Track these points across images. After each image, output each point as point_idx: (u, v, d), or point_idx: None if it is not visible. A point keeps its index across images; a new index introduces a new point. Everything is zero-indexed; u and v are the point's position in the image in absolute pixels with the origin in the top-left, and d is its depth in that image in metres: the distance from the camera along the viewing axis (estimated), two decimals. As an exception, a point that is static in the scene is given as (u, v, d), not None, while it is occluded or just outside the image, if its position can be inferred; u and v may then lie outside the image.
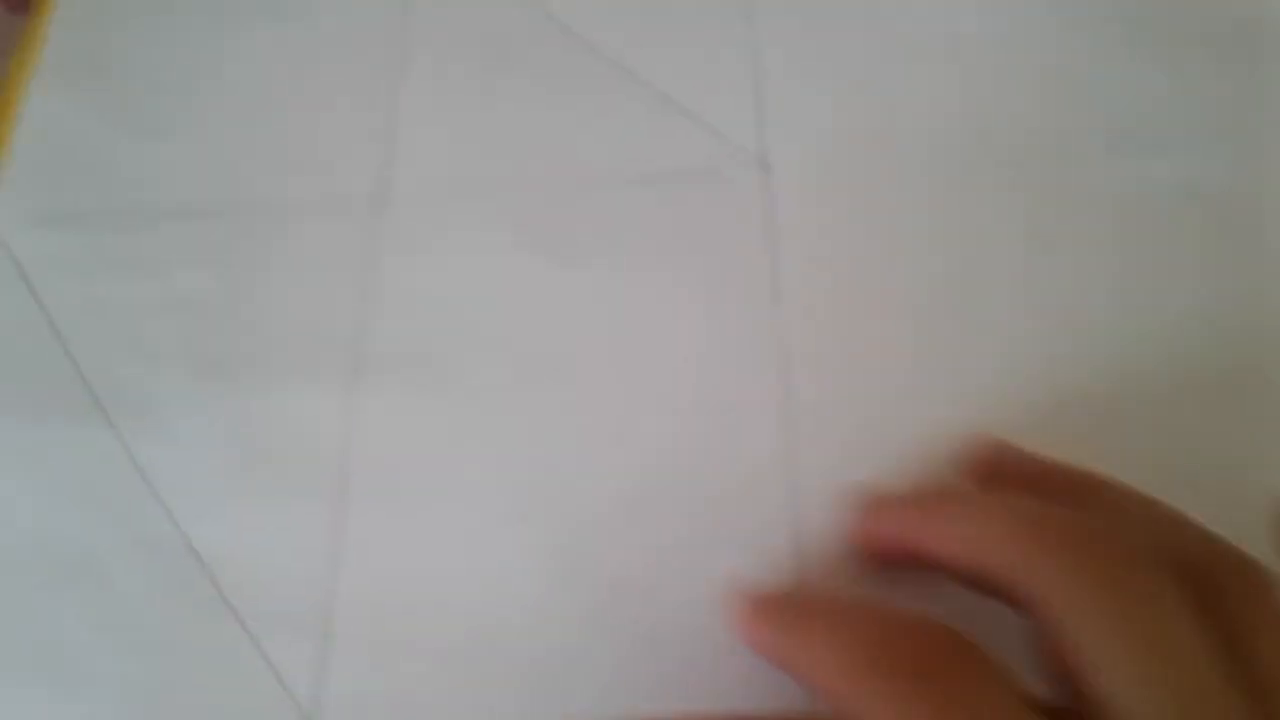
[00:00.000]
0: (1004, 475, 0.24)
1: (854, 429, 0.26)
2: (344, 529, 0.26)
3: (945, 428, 0.26)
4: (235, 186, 0.31)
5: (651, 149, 0.30)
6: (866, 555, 0.24)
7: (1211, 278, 0.28)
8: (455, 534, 0.26)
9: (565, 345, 0.28)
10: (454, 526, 0.26)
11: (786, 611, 0.22)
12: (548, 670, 0.24)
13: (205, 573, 0.26)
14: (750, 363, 0.27)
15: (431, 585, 0.26)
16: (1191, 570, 0.19)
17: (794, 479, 0.26)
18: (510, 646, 0.25)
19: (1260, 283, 0.27)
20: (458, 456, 0.27)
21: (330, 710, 0.25)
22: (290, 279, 0.29)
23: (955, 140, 0.30)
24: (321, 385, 0.28)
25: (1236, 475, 0.25)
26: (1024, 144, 0.29)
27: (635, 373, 0.28)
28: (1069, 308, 0.27)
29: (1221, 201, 0.28)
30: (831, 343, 0.27)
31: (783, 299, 0.28)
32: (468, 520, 0.26)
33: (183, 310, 0.29)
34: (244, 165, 0.31)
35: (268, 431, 0.27)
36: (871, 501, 0.24)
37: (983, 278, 0.28)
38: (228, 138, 0.32)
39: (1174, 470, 0.23)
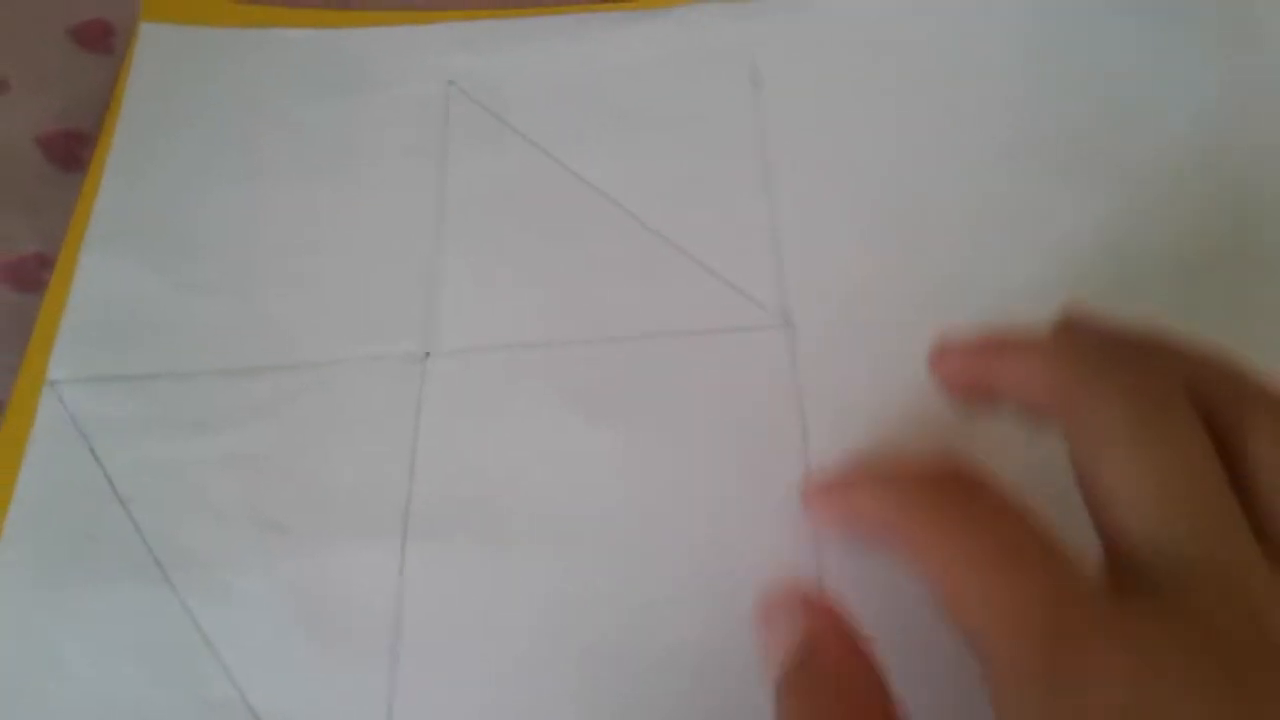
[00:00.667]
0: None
1: (881, 567, 0.27)
2: (396, 689, 0.27)
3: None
4: (281, 345, 0.32)
5: (680, 309, 0.32)
6: (946, 391, 0.26)
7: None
8: (501, 691, 0.27)
9: (601, 500, 0.29)
10: (500, 682, 0.27)
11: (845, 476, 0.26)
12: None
13: (265, 734, 0.27)
14: (785, 517, 0.29)
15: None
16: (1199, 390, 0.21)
17: None
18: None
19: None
20: (500, 605, 0.28)
21: None
22: (340, 437, 0.31)
23: (966, 290, 0.31)
24: (374, 543, 0.29)
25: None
26: (1034, 295, 0.31)
27: (671, 525, 0.29)
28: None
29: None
30: None
31: (810, 446, 0.29)
32: (513, 677, 0.27)
33: (238, 468, 0.30)
34: (288, 323, 0.32)
35: (324, 591, 0.28)
36: (949, 342, 0.26)
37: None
38: (271, 296, 0.33)
39: None
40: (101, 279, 0.33)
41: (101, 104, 0.38)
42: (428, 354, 0.32)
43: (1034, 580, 0.20)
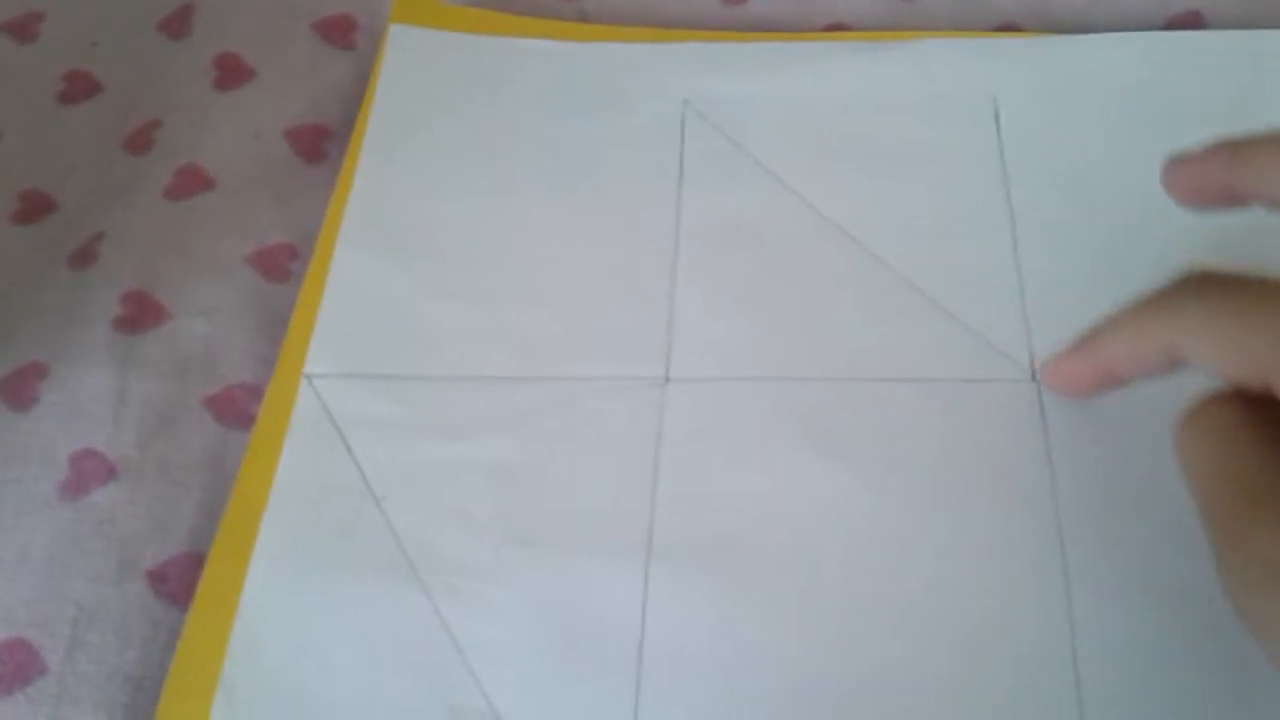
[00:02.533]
0: None
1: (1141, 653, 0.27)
2: (639, 709, 0.28)
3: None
4: (525, 358, 0.33)
5: (922, 354, 0.32)
6: (1182, 199, 0.27)
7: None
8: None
9: (842, 545, 0.30)
10: (744, 715, 0.28)
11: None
12: None
13: (514, 745, 0.28)
14: (1035, 577, 0.29)
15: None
16: None
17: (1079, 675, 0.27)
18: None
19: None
20: (743, 647, 0.28)
21: None
22: (584, 453, 0.31)
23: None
24: (618, 565, 0.30)
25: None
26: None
27: (915, 576, 0.29)
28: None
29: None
30: (1110, 545, 0.29)
31: (1059, 502, 0.29)
32: (756, 708, 0.28)
33: (486, 477, 0.31)
34: (532, 337, 0.33)
35: (570, 607, 0.29)
36: (1183, 155, 0.27)
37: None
38: (515, 308, 0.34)
39: None
40: (354, 276, 0.34)
41: (346, 99, 0.39)
42: (668, 379, 0.32)
43: None
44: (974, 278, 0.33)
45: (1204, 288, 0.24)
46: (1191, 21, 0.39)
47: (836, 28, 0.39)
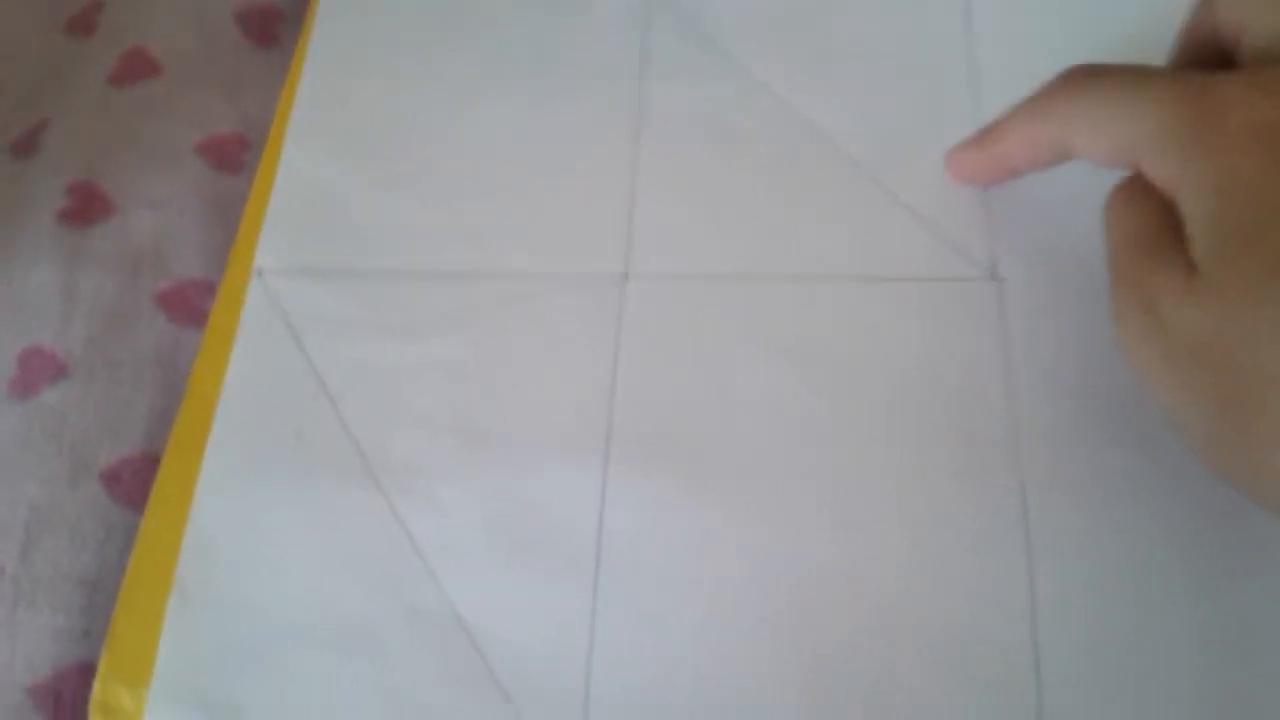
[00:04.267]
0: None
1: (1100, 567, 0.27)
2: (597, 608, 0.28)
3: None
4: (482, 253, 0.32)
5: (885, 252, 0.32)
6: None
7: None
8: (703, 629, 0.28)
9: (799, 445, 0.29)
10: (701, 621, 0.28)
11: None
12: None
13: (473, 645, 0.28)
14: (990, 476, 0.29)
15: (681, 681, 0.27)
16: None
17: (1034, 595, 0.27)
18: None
19: None
20: (702, 546, 0.28)
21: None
22: (541, 351, 0.31)
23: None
24: (576, 463, 0.29)
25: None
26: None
27: (869, 479, 0.29)
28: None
29: None
30: (1069, 463, 0.29)
31: (1015, 405, 0.29)
32: (713, 616, 0.28)
33: (442, 376, 0.31)
34: (489, 232, 0.33)
35: (527, 505, 0.29)
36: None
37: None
38: (472, 202, 0.33)
39: None
40: (305, 168, 0.34)
41: (299, -21, 0.37)
42: (626, 275, 0.32)
43: (1170, 77, 0.24)
44: (938, 178, 0.32)
45: (1084, 82, 0.26)
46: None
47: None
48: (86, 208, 0.33)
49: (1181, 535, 0.27)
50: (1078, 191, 0.29)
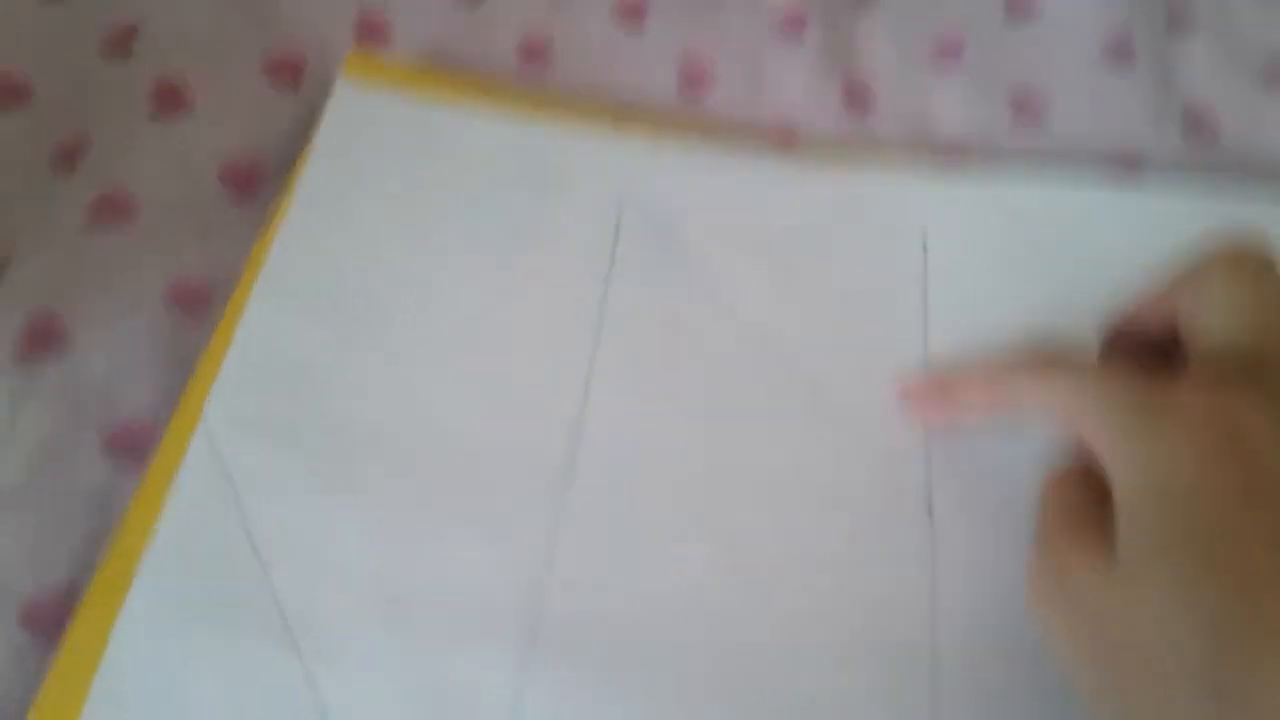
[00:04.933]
0: None
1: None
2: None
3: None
4: (432, 424, 0.33)
5: (826, 474, 0.33)
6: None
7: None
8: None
9: (731, 654, 0.30)
10: None
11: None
12: None
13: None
14: (905, 696, 0.29)
15: None
16: None
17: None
18: None
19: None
20: None
21: None
22: (477, 529, 0.31)
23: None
24: (496, 652, 0.29)
25: None
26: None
27: (794, 692, 0.29)
28: None
29: None
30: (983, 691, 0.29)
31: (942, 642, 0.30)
32: None
33: (374, 540, 0.31)
34: (444, 404, 0.33)
35: (443, 686, 0.29)
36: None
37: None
38: (427, 374, 0.34)
39: None
40: (267, 324, 0.34)
41: (284, 142, 0.38)
42: (572, 465, 0.32)
43: (1121, 373, 0.27)
44: (884, 409, 0.33)
45: (1050, 365, 0.29)
46: (1133, 157, 0.39)
47: (785, 133, 0.40)
48: (43, 340, 0.33)
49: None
50: (1012, 444, 0.31)
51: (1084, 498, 0.27)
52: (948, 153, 0.40)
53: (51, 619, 0.30)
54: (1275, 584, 0.23)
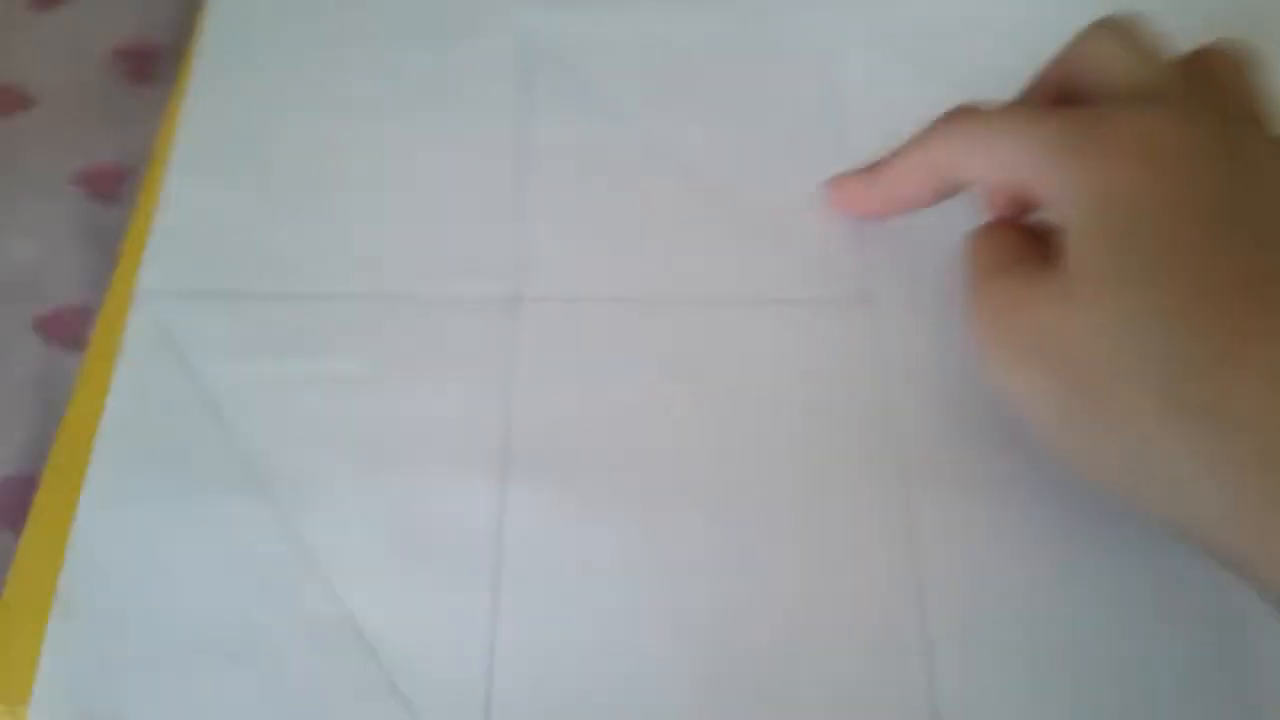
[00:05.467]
0: None
1: (981, 557, 0.29)
2: (498, 615, 0.28)
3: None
4: (369, 274, 0.33)
5: (760, 277, 0.33)
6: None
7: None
8: (602, 636, 0.28)
9: (687, 462, 0.30)
10: (600, 629, 0.28)
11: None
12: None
13: (369, 652, 0.28)
14: (872, 485, 0.30)
15: (582, 688, 0.27)
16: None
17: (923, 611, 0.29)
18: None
19: None
20: (597, 558, 0.29)
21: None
22: (436, 370, 0.31)
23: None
24: (472, 476, 0.30)
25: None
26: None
27: (749, 493, 0.30)
28: None
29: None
30: (947, 465, 0.30)
31: (889, 419, 0.31)
32: (612, 624, 0.28)
33: (334, 391, 0.31)
34: (376, 254, 0.33)
35: (424, 516, 0.29)
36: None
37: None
38: (358, 227, 0.34)
39: None
40: (189, 197, 0.34)
41: (177, 19, 0.38)
42: (519, 297, 0.32)
43: (1048, 109, 0.27)
44: (810, 207, 0.34)
45: (970, 112, 0.28)
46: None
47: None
48: (-41, 235, 0.32)
49: (1052, 526, 0.29)
50: (942, 217, 0.31)
51: (1015, 240, 0.28)
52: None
53: (9, 504, 0.29)
54: (1230, 288, 0.23)
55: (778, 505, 0.30)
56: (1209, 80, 0.28)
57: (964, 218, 0.31)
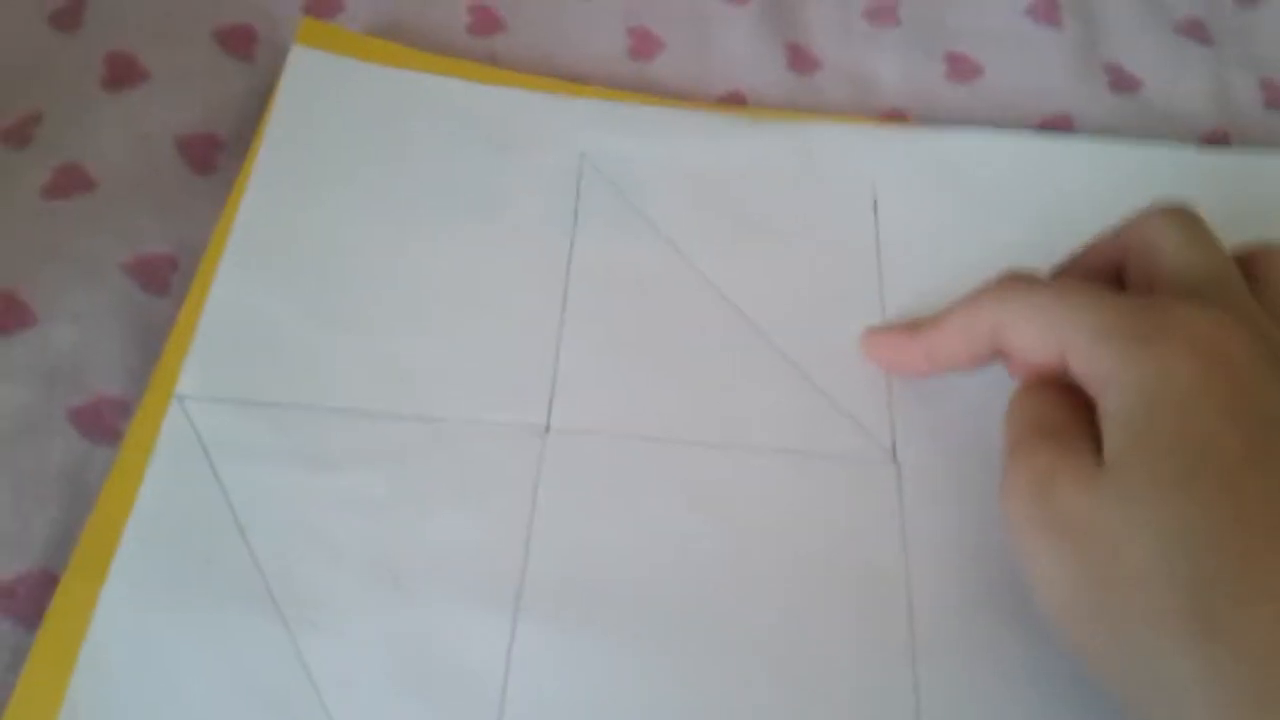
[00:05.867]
0: None
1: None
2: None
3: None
4: (406, 393, 0.33)
5: (793, 427, 0.33)
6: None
7: None
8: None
9: (707, 607, 0.30)
10: None
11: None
12: None
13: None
14: (885, 646, 0.30)
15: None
16: None
17: None
18: None
19: None
20: (608, 702, 0.29)
21: None
22: (457, 496, 0.31)
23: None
24: (485, 612, 0.30)
25: None
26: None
27: (772, 644, 0.30)
28: None
29: None
30: (959, 635, 0.30)
31: (912, 589, 0.31)
32: None
33: (355, 511, 0.31)
34: (415, 373, 0.33)
35: (432, 649, 0.29)
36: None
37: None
38: (400, 343, 0.34)
39: None
40: (237, 296, 0.34)
41: (241, 112, 0.38)
42: (548, 428, 0.33)
43: (1103, 289, 0.27)
44: (845, 357, 0.34)
45: (1020, 281, 0.29)
46: (1062, 123, 0.41)
47: (733, 97, 0.41)
48: (5, 316, 0.33)
49: (1061, 712, 0.29)
50: (977, 381, 0.32)
51: (1059, 409, 0.27)
52: (890, 116, 0.41)
53: (29, 603, 0.29)
54: (1264, 513, 0.23)
55: (789, 657, 0.30)
56: (1264, 282, 0.28)
57: (1001, 383, 0.31)
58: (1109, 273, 0.31)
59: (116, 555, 0.30)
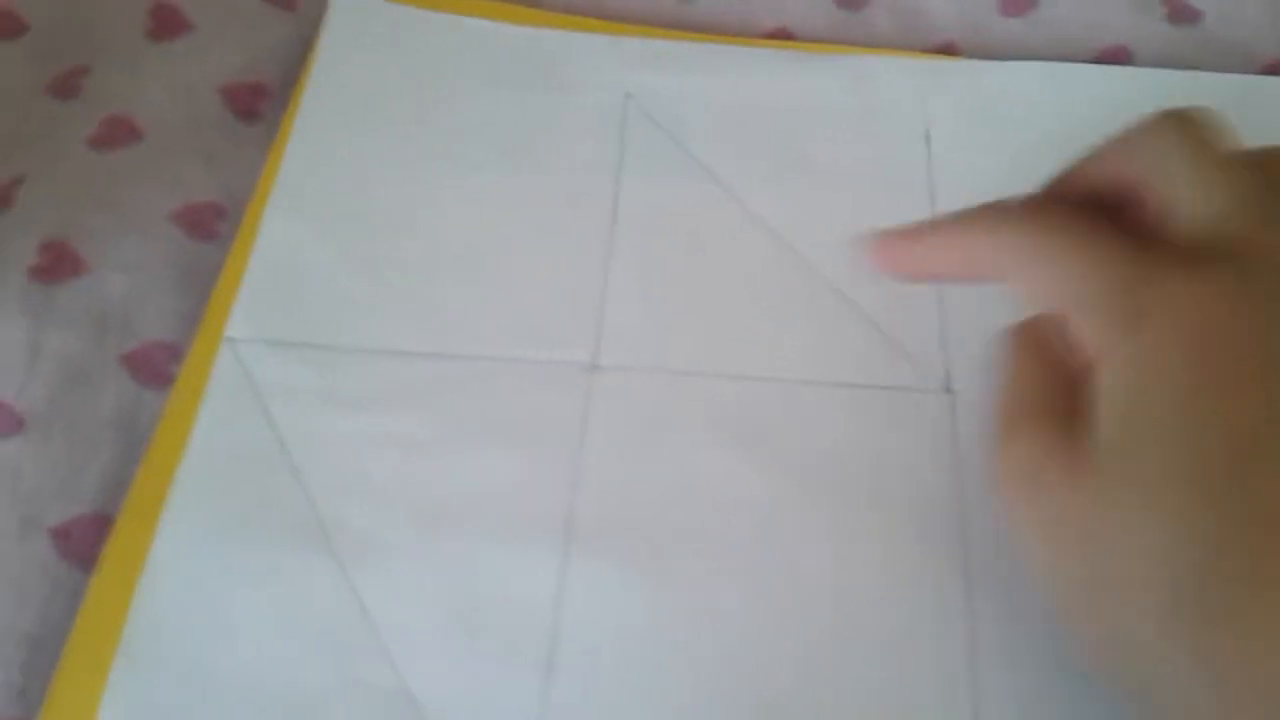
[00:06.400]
0: None
1: (1039, 671, 0.29)
2: (549, 695, 0.28)
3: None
4: (450, 334, 0.33)
5: (843, 359, 0.33)
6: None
7: None
8: (656, 710, 0.28)
9: (757, 541, 0.30)
10: (655, 711, 0.28)
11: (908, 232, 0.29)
12: None
13: (424, 721, 0.28)
14: (938, 577, 0.30)
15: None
16: None
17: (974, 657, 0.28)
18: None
19: None
20: (659, 635, 0.29)
21: None
22: (505, 435, 0.31)
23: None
24: (535, 546, 0.30)
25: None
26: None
27: (822, 578, 0.30)
28: None
29: None
30: (1015, 566, 0.29)
31: (966, 511, 0.31)
32: (668, 705, 0.28)
33: (405, 452, 0.31)
34: (459, 314, 0.33)
35: (484, 585, 0.29)
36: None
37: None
38: (445, 285, 0.34)
39: None
40: (282, 242, 0.34)
41: (285, 60, 0.38)
42: (595, 366, 0.32)
43: (1116, 237, 0.24)
44: (897, 290, 0.34)
45: (1027, 213, 0.26)
46: (1120, 56, 0.40)
47: (780, 33, 0.40)
48: (58, 265, 0.33)
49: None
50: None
51: (1049, 380, 0.26)
52: (941, 49, 0.40)
53: (84, 545, 0.30)
54: (1265, 518, 0.21)
55: (842, 593, 0.30)
56: None
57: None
58: (1108, 195, 0.27)
59: (170, 497, 0.30)
